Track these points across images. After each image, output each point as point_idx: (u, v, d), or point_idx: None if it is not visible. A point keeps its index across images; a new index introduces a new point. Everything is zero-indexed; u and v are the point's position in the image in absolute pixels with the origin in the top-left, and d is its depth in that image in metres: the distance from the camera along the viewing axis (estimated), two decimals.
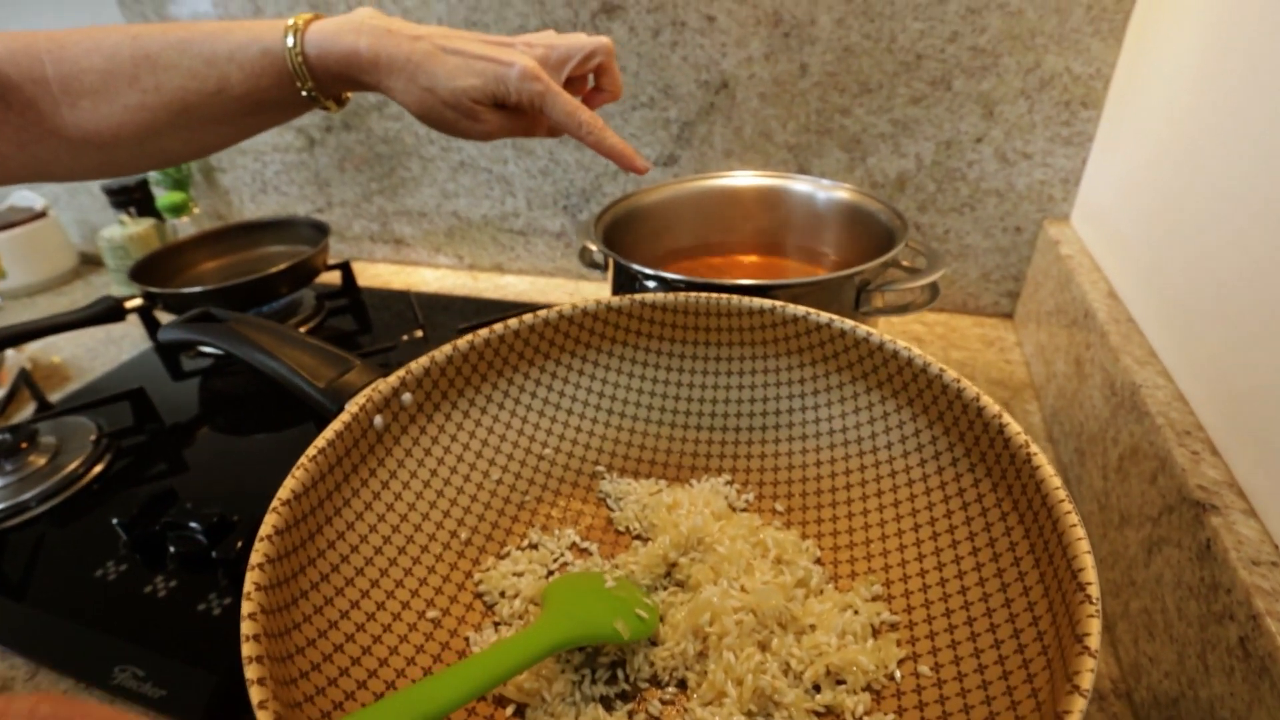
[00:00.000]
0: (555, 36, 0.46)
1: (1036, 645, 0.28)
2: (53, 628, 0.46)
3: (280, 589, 0.28)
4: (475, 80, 0.42)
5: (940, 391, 0.37)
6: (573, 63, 0.46)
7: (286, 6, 0.83)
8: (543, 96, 0.43)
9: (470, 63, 0.42)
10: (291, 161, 0.95)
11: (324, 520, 0.33)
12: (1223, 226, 0.41)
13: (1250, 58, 0.40)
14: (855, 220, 0.59)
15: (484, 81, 0.42)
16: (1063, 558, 0.27)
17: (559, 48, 0.45)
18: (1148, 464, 0.41)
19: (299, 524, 0.31)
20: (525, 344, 0.44)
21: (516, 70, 0.42)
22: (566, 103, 0.43)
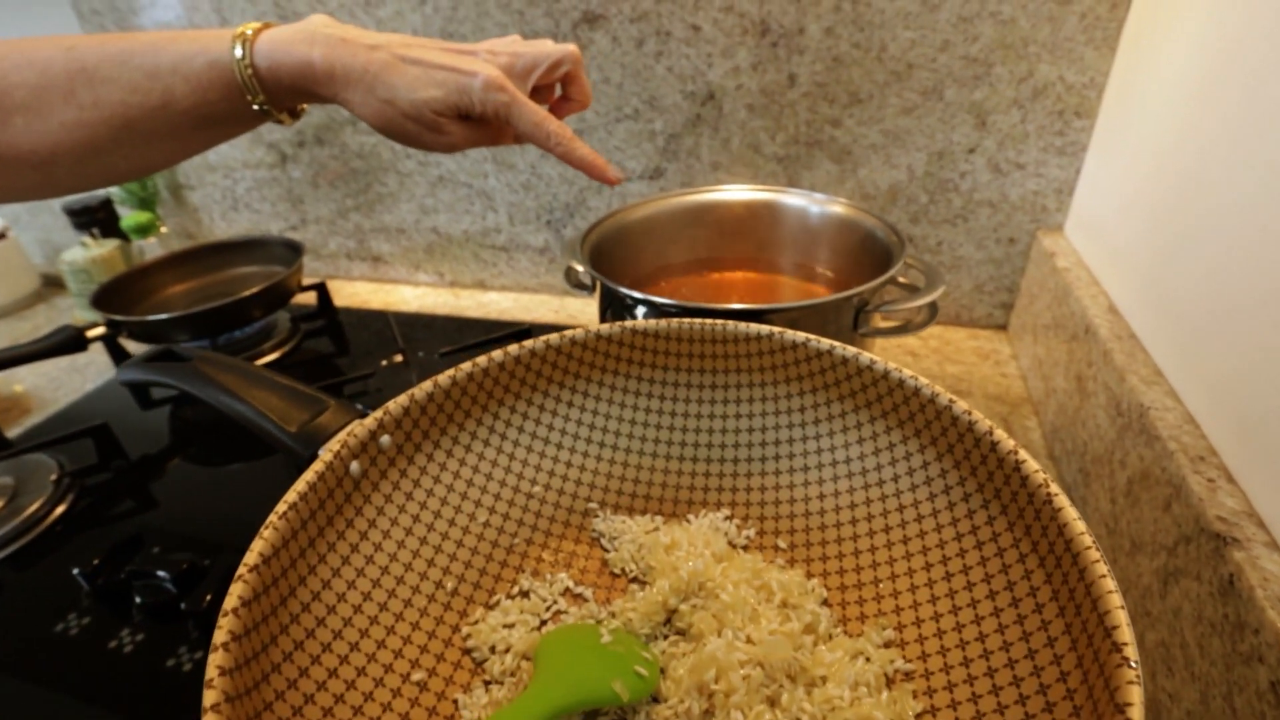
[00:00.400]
0: (520, 43, 0.44)
1: (1067, 705, 0.26)
2: (9, 690, 0.43)
3: (247, 668, 0.26)
4: (437, 91, 0.40)
5: (950, 423, 0.35)
6: (539, 71, 0.44)
7: (255, 16, 0.80)
8: (508, 107, 0.41)
9: (431, 73, 0.40)
10: (263, 178, 0.92)
11: (296, 582, 0.31)
12: (1228, 240, 0.40)
13: (1255, 66, 0.39)
14: (850, 235, 0.57)
15: (446, 92, 0.40)
16: (1093, 612, 0.26)
17: (524, 56, 0.43)
18: (1160, 490, 0.39)
19: (268, 591, 0.28)
20: (510, 377, 0.42)
21: (480, 80, 0.40)
22: (533, 113, 0.42)
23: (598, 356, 0.44)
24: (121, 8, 0.85)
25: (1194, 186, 0.44)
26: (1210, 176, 0.43)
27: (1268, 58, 0.38)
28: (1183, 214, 0.45)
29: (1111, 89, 0.59)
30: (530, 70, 0.43)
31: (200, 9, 0.81)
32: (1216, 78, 0.43)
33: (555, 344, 0.42)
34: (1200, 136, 0.44)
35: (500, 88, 0.40)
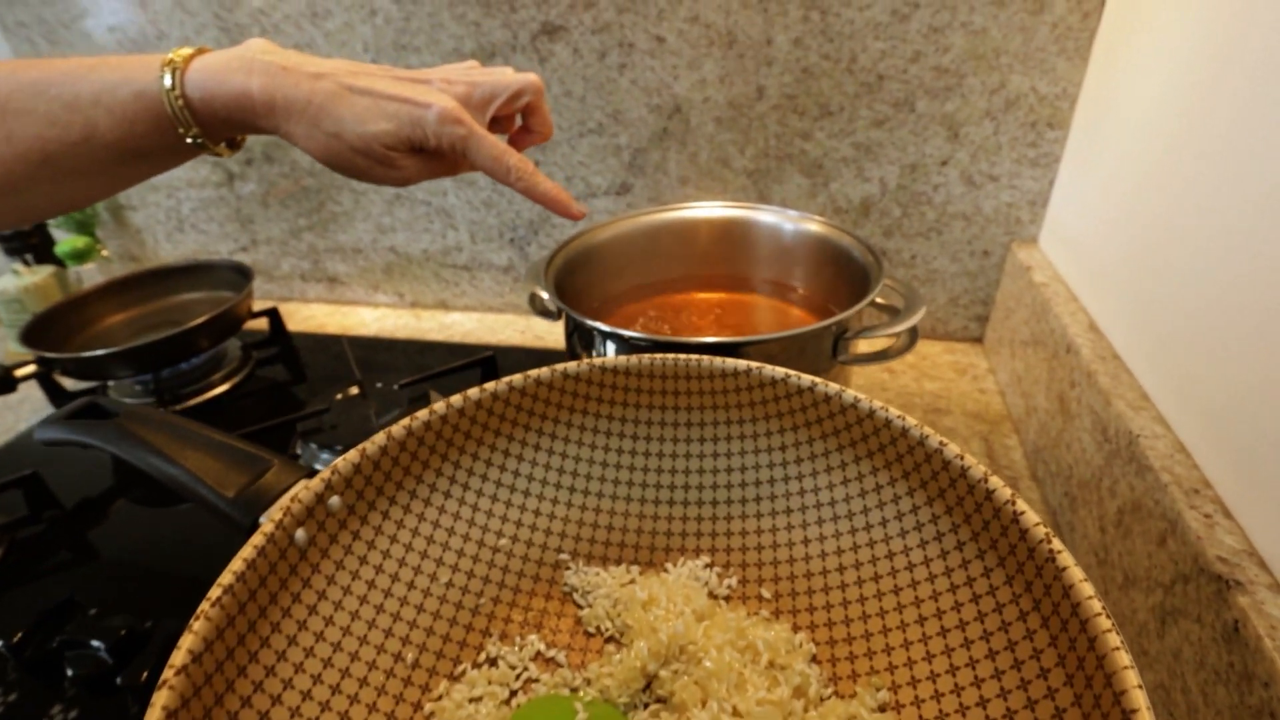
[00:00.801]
0: (479, 71, 0.41)
1: None
2: None
3: None
4: (388, 124, 0.37)
5: (941, 467, 0.33)
6: (498, 102, 0.41)
7: (193, 29, 0.75)
8: (465, 140, 0.38)
9: (381, 104, 0.37)
10: (209, 197, 0.87)
11: (235, 674, 0.27)
12: (1214, 259, 0.39)
13: (1243, 75, 0.38)
14: (826, 254, 0.55)
15: (398, 125, 0.37)
16: (1106, 687, 0.24)
17: (482, 85, 0.40)
18: (1154, 523, 0.38)
19: (199, 692, 0.25)
20: (471, 423, 0.39)
21: (435, 112, 0.37)
22: (492, 146, 0.39)
23: (565, 396, 0.41)
24: (50, 20, 0.80)
25: (1175, 202, 0.43)
26: (1192, 192, 0.42)
27: (1256, 66, 0.37)
28: (1164, 230, 0.44)
29: (1084, 100, 0.58)
30: (489, 101, 0.40)
31: (135, 22, 0.76)
32: (1199, 88, 0.42)
33: (519, 385, 0.40)
34: (1181, 149, 0.43)
35: (456, 120, 0.37)
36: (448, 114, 0.37)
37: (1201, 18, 0.42)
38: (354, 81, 0.37)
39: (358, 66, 0.38)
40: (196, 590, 0.26)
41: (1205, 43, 0.42)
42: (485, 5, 0.65)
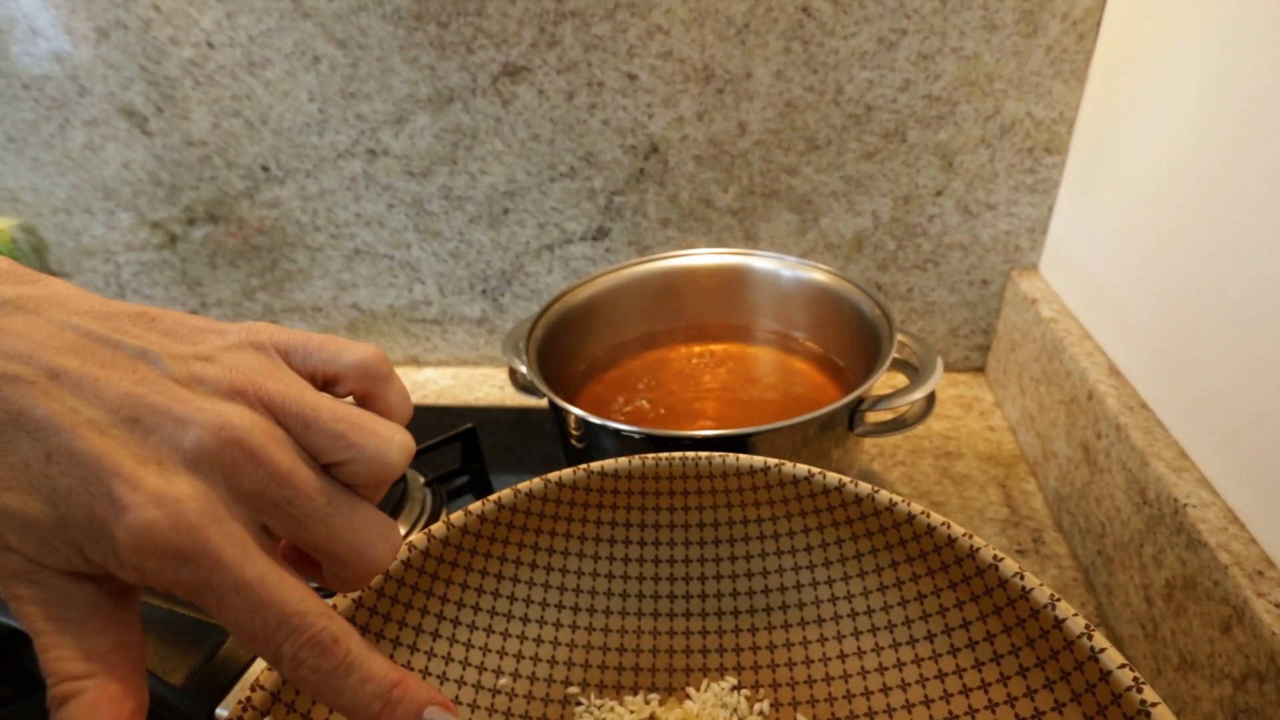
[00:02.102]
0: (264, 361, 0.21)
1: None
2: None
3: None
4: (33, 503, 0.17)
5: (997, 584, 0.30)
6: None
7: (118, 86, 0.69)
8: (204, 589, 0.18)
9: (46, 464, 0.17)
10: (151, 260, 0.80)
11: None
12: (1247, 292, 0.35)
13: (1252, 85, 0.35)
14: (828, 302, 0.52)
15: (53, 520, 0.18)
16: None
17: (274, 394, 0.20)
18: (1214, 608, 0.35)
19: None
20: (458, 550, 0.34)
21: (131, 522, 0.17)
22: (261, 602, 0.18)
23: (560, 507, 0.37)
24: None
25: (1193, 228, 0.40)
26: (1212, 216, 0.38)
27: (1268, 79, 0.34)
28: (1184, 259, 0.41)
29: (1082, 123, 0.55)
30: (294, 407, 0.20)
31: (53, 77, 0.70)
32: (1209, 103, 0.39)
33: (508, 503, 0.35)
34: (1194, 170, 0.40)
35: (177, 551, 0.17)
36: (155, 533, 0.17)
37: (1208, 33, 0.39)
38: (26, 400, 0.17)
39: (97, 328, 0.19)
40: None
41: (1213, 58, 0.38)
42: (440, 47, 0.60)
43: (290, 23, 0.62)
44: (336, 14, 0.60)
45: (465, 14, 0.58)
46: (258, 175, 0.71)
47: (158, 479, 0.17)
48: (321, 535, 0.20)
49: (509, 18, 0.58)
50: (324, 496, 0.20)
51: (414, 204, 0.69)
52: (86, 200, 0.78)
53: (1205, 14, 0.40)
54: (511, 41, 0.59)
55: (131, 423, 0.18)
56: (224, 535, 0.18)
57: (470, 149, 0.65)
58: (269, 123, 0.68)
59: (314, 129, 0.67)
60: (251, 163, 0.71)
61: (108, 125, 0.72)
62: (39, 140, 0.75)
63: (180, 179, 0.73)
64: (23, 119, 0.74)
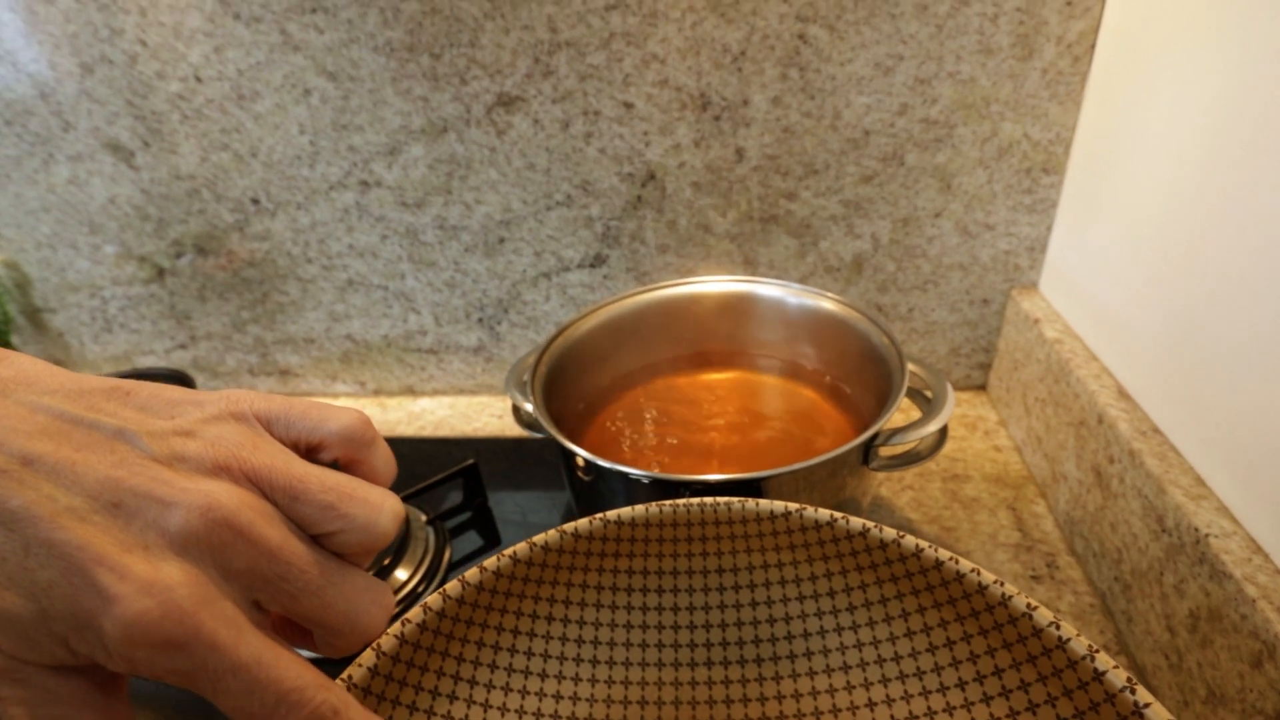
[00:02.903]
0: (249, 434, 0.20)
1: None
2: None
3: None
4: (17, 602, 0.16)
5: (1031, 633, 0.29)
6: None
7: (104, 121, 0.68)
8: (199, 674, 0.17)
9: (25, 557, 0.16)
10: (138, 295, 0.79)
11: None
12: (1255, 312, 0.35)
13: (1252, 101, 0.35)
14: (836, 331, 0.51)
15: (36, 614, 0.16)
16: None
17: (260, 468, 0.19)
18: (1243, 641, 0.35)
19: None
20: (473, 608, 0.33)
21: (120, 614, 0.16)
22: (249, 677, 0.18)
23: (576, 558, 0.36)
24: None
25: (1197, 245, 0.40)
26: (1217, 233, 0.38)
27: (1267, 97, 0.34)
28: (1195, 287, 0.41)
29: (1079, 143, 0.55)
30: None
31: (36, 113, 0.68)
32: (1208, 119, 0.39)
33: (522, 557, 0.34)
34: (1201, 193, 0.40)
35: (169, 640, 0.16)
36: (147, 623, 0.16)
37: (1201, 54, 0.39)
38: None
39: (70, 408, 0.18)
40: None
41: (1208, 78, 0.39)
42: (433, 78, 0.59)
43: (280, 56, 0.61)
44: (327, 46, 0.60)
45: (458, 45, 0.57)
46: (248, 208, 0.70)
47: (145, 566, 0.16)
48: (315, 607, 0.20)
49: (503, 48, 0.57)
50: (316, 569, 0.20)
51: (408, 234, 0.68)
52: (71, 235, 0.76)
53: (1198, 36, 0.40)
54: (506, 72, 0.58)
55: (113, 508, 0.17)
56: (218, 619, 0.17)
57: (465, 179, 0.64)
58: (259, 155, 0.67)
59: (305, 161, 0.66)
60: (241, 195, 0.69)
61: (93, 160, 0.70)
62: (22, 175, 0.73)
63: (168, 213, 0.72)
64: (5, 154, 0.72)
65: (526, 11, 0.55)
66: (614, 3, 0.54)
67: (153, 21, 0.62)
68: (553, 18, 0.55)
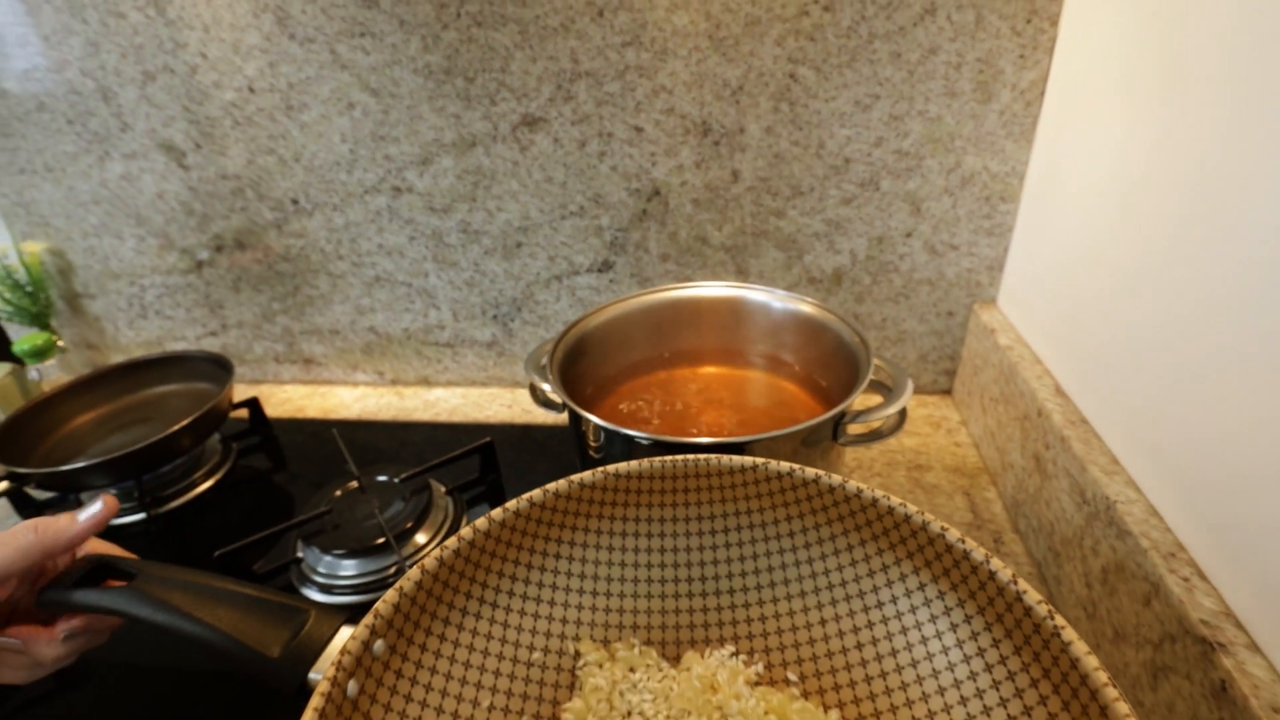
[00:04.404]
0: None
1: None
2: None
3: None
4: None
5: (945, 550, 0.36)
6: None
7: (160, 124, 0.75)
8: None
9: None
10: (176, 284, 0.85)
11: None
12: (1176, 331, 0.43)
13: (1176, 144, 0.42)
14: (814, 332, 0.58)
15: None
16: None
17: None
18: (1137, 585, 0.42)
19: None
20: (497, 542, 0.40)
21: None
22: None
23: (581, 504, 0.42)
24: (1, 113, 0.78)
25: (1125, 266, 0.48)
26: (1140, 256, 0.46)
27: (1194, 140, 0.41)
28: (1118, 302, 0.49)
29: (1031, 176, 0.63)
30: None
31: (97, 114, 0.75)
32: (1143, 166, 0.47)
33: (539, 500, 0.41)
34: (1130, 226, 0.48)
35: None
36: None
37: (1133, 96, 0.47)
38: None
39: None
40: None
41: (1141, 120, 0.46)
42: (465, 98, 0.67)
43: (329, 73, 0.68)
44: (372, 66, 0.67)
45: (490, 70, 0.65)
46: (287, 207, 0.77)
47: None
48: None
49: (530, 75, 0.65)
50: None
51: (434, 236, 0.76)
52: (118, 227, 0.83)
53: (1118, 92, 0.48)
54: (531, 95, 0.66)
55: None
56: None
57: (489, 188, 0.71)
58: (301, 160, 0.74)
59: (344, 167, 0.73)
60: (282, 196, 0.76)
61: (146, 158, 0.77)
62: (77, 170, 0.80)
63: (212, 209, 0.79)
64: (63, 151, 0.79)
65: (553, 44, 0.63)
66: (629, 39, 0.62)
67: (214, 37, 0.69)
68: (575, 50, 0.63)
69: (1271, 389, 0.35)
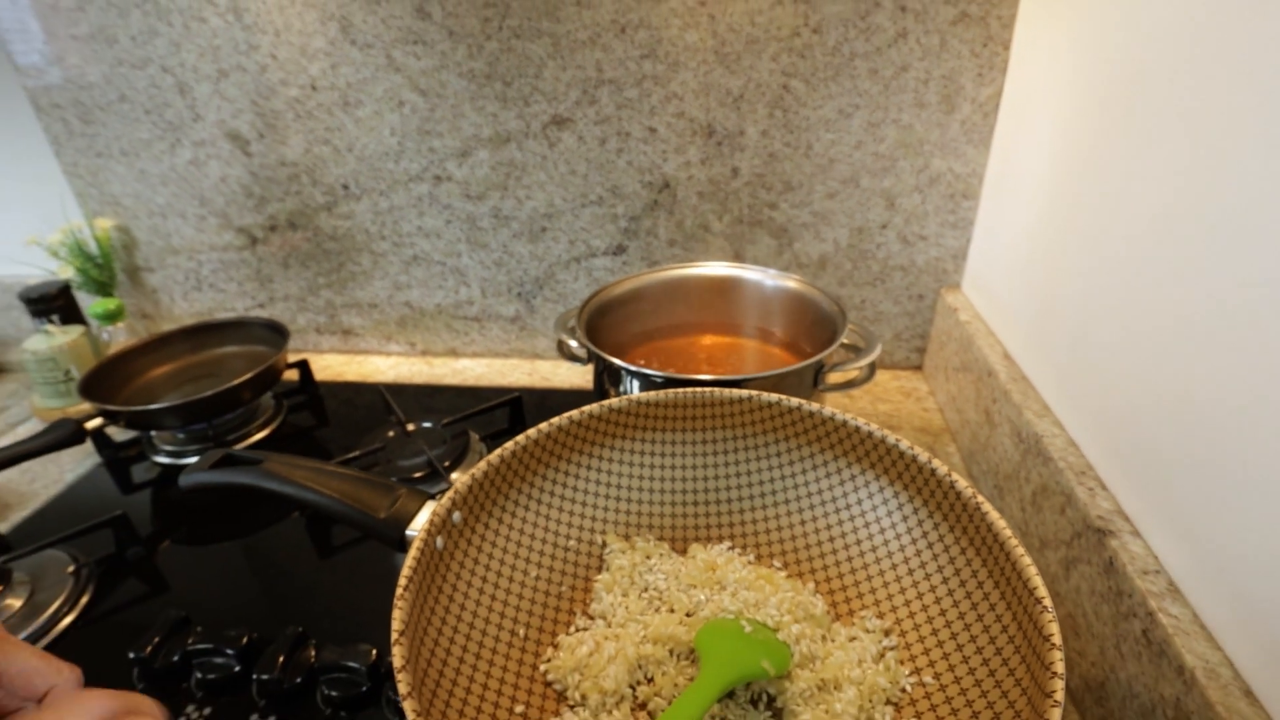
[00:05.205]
0: None
1: (1010, 648, 0.37)
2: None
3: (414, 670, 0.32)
4: None
5: (898, 458, 0.46)
6: None
7: (229, 114, 0.85)
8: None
9: None
10: (230, 259, 0.95)
11: (420, 634, 0.37)
12: (1084, 301, 0.53)
13: (1094, 161, 0.53)
14: (799, 305, 0.69)
15: None
16: (1019, 581, 0.37)
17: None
18: (1056, 499, 0.52)
19: (410, 639, 0.35)
20: (542, 449, 0.50)
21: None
22: None
23: (609, 425, 0.52)
24: (87, 102, 0.87)
25: (1055, 256, 0.58)
26: (1067, 247, 0.57)
27: (1102, 157, 0.52)
28: (1048, 278, 0.59)
29: (989, 177, 0.73)
30: None
31: (172, 105, 0.85)
32: (1064, 172, 0.58)
33: (576, 420, 0.51)
34: (1055, 214, 0.58)
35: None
36: None
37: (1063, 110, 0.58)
38: None
39: None
40: (277, 608, 0.35)
41: (1069, 130, 0.57)
42: (503, 99, 0.77)
43: (384, 74, 0.79)
44: (423, 70, 0.77)
45: (526, 76, 0.76)
46: (338, 192, 0.87)
47: None
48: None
49: (560, 81, 0.75)
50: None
51: (468, 221, 0.86)
52: (182, 207, 0.92)
53: (1054, 105, 0.59)
54: (560, 98, 0.76)
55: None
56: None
57: (519, 179, 0.82)
58: (354, 150, 0.84)
59: (391, 157, 0.83)
60: (334, 182, 0.86)
61: (214, 146, 0.87)
62: (149, 155, 0.89)
63: (270, 192, 0.89)
64: (139, 137, 0.88)
65: (581, 55, 0.73)
66: (647, 53, 0.73)
67: (284, 41, 0.79)
68: (600, 61, 0.74)
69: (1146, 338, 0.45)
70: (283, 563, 0.63)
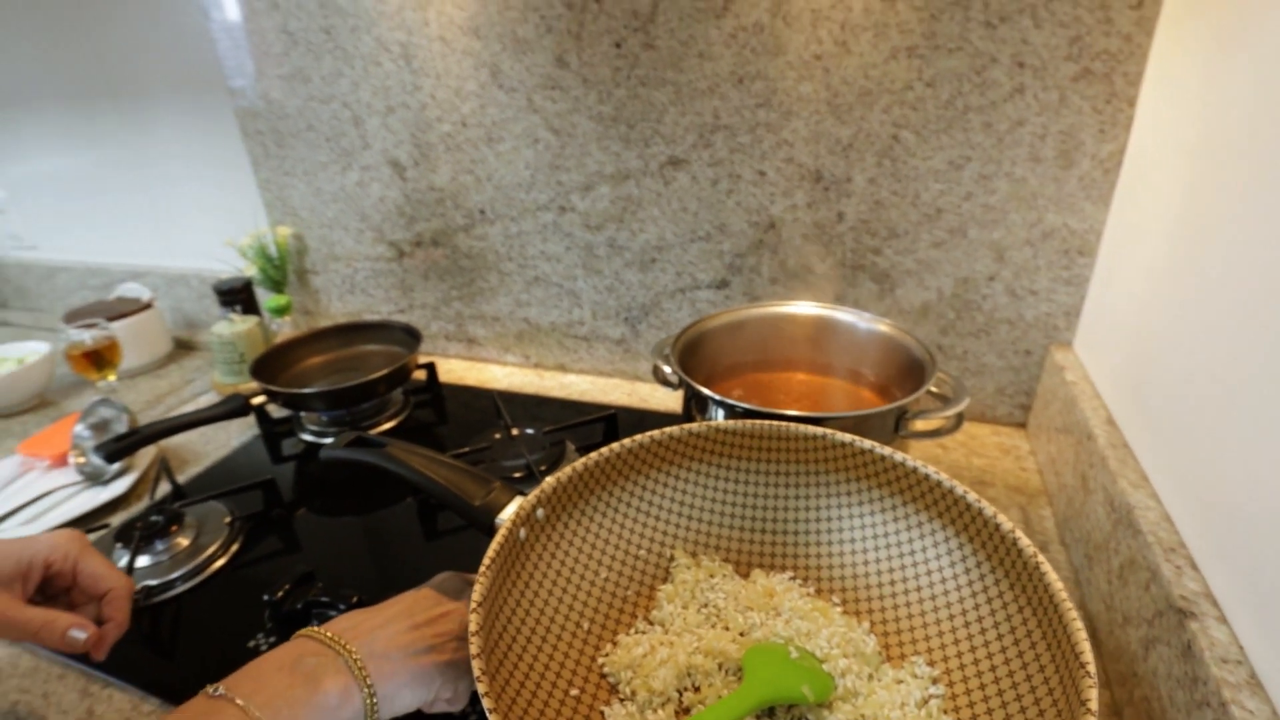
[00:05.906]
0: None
1: (1053, 711, 0.37)
2: None
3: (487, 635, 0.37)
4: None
5: (964, 509, 0.46)
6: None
7: (392, 144, 0.97)
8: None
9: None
10: (380, 269, 1.08)
11: (495, 612, 0.42)
12: (1200, 374, 0.51)
13: (1220, 227, 0.51)
14: (891, 350, 0.69)
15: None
16: (1068, 645, 0.36)
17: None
18: (1142, 574, 0.50)
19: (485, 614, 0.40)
20: (624, 464, 0.54)
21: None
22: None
23: (688, 448, 0.56)
24: (281, 130, 1.03)
25: (1167, 322, 0.56)
26: (1186, 316, 0.54)
27: (1227, 221, 0.50)
28: (1158, 344, 0.57)
29: (1108, 235, 0.71)
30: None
31: (347, 134, 0.99)
32: (1182, 236, 0.55)
33: (658, 439, 0.55)
34: (1172, 280, 0.56)
35: None
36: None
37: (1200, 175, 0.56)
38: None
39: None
40: (387, 574, 0.41)
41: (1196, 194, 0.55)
42: (625, 140, 0.84)
43: (523, 115, 0.88)
44: (557, 112, 0.86)
45: (648, 120, 0.82)
46: (475, 216, 0.97)
47: None
48: None
49: (679, 125, 0.81)
50: None
51: (585, 248, 0.93)
52: (346, 221, 1.06)
53: (1178, 166, 0.57)
54: (678, 141, 0.82)
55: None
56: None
57: (635, 213, 0.88)
58: (492, 180, 0.94)
59: (524, 188, 0.92)
60: (473, 206, 0.97)
61: (377, 170, 1.00)
62: (325, 176, 1.04)
63: (419, 213, 1.01)
64: (317, 160, 1.03)
65: (700, 103, 0.79)
66: (762, 102, 0.77)
67: (443, 84, 0.91)
68: (717, 108, 0.79)
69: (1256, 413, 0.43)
70: (393, 540, 0.71)
